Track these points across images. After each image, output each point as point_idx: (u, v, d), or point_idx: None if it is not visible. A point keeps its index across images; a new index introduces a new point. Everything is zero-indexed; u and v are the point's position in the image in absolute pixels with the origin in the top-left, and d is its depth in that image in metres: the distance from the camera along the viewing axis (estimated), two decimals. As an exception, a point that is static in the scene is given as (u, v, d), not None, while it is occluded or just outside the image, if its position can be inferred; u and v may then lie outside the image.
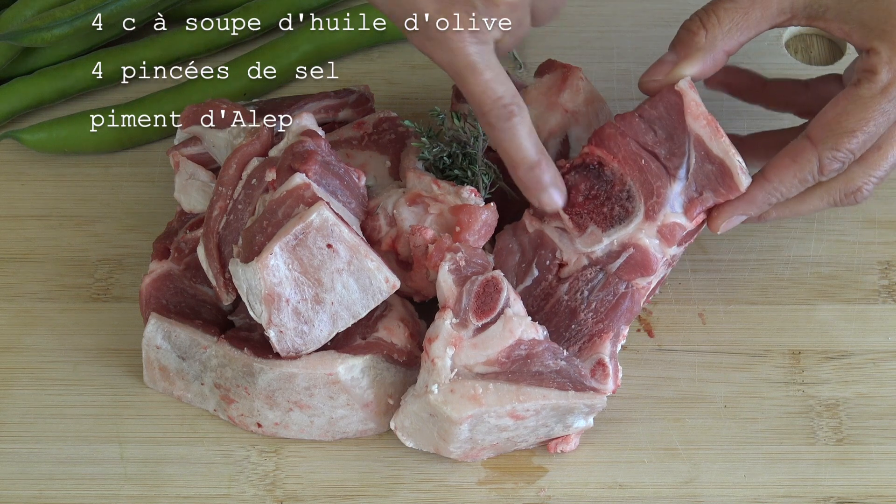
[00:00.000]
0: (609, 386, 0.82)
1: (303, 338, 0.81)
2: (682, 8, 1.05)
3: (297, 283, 0.80)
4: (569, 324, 0.84)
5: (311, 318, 0.80)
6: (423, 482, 0.83)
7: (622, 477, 0.83)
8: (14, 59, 1.03)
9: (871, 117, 0.81)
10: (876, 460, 0.84)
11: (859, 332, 0.90)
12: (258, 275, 0.79)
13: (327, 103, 0.95)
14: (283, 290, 0.79)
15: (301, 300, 0.80)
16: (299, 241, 0.79)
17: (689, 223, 0.84)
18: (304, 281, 0.80)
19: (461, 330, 0.80)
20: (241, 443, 0.85)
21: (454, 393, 0.79)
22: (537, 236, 0.87)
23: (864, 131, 0.81)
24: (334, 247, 0.79)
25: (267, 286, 0.79)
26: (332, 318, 0.81)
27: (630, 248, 0.84)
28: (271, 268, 0.79)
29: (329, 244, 0.79)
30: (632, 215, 0.84)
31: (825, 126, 0.82)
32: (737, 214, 0.84)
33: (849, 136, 0.81)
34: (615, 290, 0.84)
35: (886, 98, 0.80)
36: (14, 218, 0.97)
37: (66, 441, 0.85)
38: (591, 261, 0.85)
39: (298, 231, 0.79)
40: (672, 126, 0.84)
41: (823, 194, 0.85)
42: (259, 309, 0.80)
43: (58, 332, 0.90)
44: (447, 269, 0.81)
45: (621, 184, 0.85)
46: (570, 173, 0.86)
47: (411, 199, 0.86)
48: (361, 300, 0.81)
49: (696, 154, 0.83)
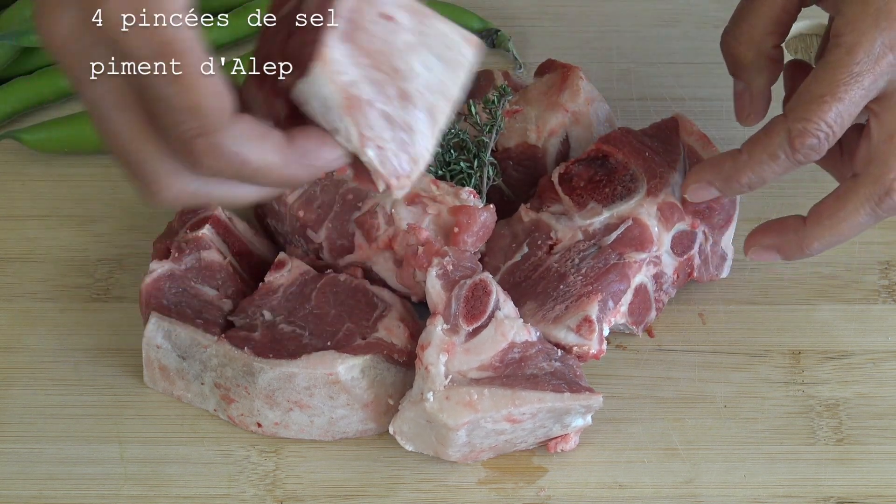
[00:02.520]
0: (594, 344, 0.82)
1: (406, 150, 0.67)
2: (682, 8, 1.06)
3: (372, 80, 0.65)
4: (557, 285, 0.85)
5: (407, 120, 0.66)
6: (423, 482, 0.83)
7: (622, 477, 0.83)
8: (14, 59, 1.03)
9: (840, 80, 0.75)
10: (876, 460, 0.84)
11: (859, 332, 0.90)
12: (325, 78, 0.64)
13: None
14: (360, 91, 0.65)
15: (386, 101, 0.66)
16: (353, 24, 0.64)
17: (686, 215, 0.86)
18: (378, 76, 0.65)
19: (453, 335, 0.80)
20: (241, 443, 0.85)
21: (449, 400, 0.79)
22: (532, 223, 0.87)
23: (836, 97, 0.75)
24: (392, 15, 0.65)
25: (340, 88, 0.64)
26: (430, 113, 0.67)
27: (629, 220, 0.85)
28: (336, 63, 0.64)
29: (383, 13, 0.65)
30: (633, 193, 0.86)
31: (796, 97, 0.77)
32: (705, 182, 0.82)
33: (818, 103, 0.75)
34: (606, 259, 0.85)
35: (853, 60, 0.75)
36: (14, 218, 0.97)
37: (66, 441, 0.85)
38: (586, 235, 0.85)
39: (345, 11, 0.64)
40: (667, 139, 0.89)
41: (857, 206, 0.78)
42: (344, 125, 0.65)
43: (58, 332, 0.90)
44: (435, 275, 0.81)
45: (625, 169, 0.87)
46: (575, 165, 0.88)
47: (410, 198, 0.86)
48: (450, 76, 0.67)
49: (689, 161, 0.89)
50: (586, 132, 0.92)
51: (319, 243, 0.89)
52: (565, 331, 0.83)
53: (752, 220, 0.94)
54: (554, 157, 0.92)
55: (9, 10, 1.03)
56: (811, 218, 0.80)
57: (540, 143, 0.92)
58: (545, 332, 0.83)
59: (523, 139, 0.92)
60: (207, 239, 0.87)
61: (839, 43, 0.76)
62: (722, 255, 0.91)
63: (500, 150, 0.92)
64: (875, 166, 0.78)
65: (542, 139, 0.91)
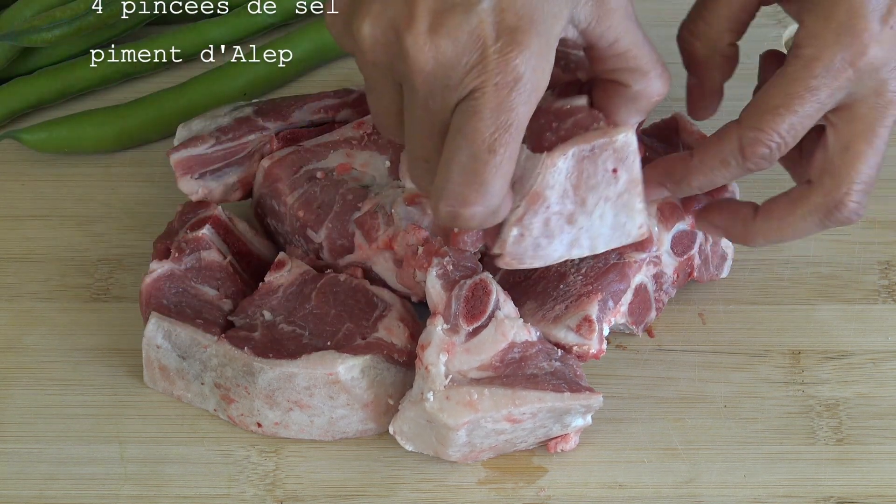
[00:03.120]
0: (594, 343, 0.82)
1: (535, 251, 0.77)
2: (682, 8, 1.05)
3: (565, 194, 0.75)
4: (557, 285, 0.85)
5: (556, 234, 0.76)
6: (423, 482, 0.83)
7: (622, 477, 0.83)
8: (14, 59, 1.03)
9: (797, 93, 0.75)
10: (876, 460, 0.84)
11: (859, 332, 0.90)
12: (539, 170, 0.74)
13: (327, 103, 0.95)
14: (551, 194, 0.75)
15: (558, 213, 0.76)
16: (592, 155, 0.75)
17: (686, 215, 0.86)
18: (572, 196, 0.75)
19: (453, 335, 0.80)
20: (241, 443, 0.85)
21: (449, 400, 0.79)
22: None
23: (791, 110, 0.75)
24: (619, 173, 0.76)
25: (540, 184, 0.74)
26: (572, 244, 0.77)
27: None
28: (557, 168, 0.74)
29: (615, 168, 0.75)
30: None
31: (751, 105, 0.77)
32: (656, 183, 0.81)
33: (772, 113, 0.75)
34: (606, 258, 0.85)
35: (811, 74, 0.74)
36: (14, 218, 0.97)
37: (66, 441, 0.85)
38: None
39: (599, 144, 0.74)
40: (667, 139, 0.89)
41: (806, 212, 0.79)
42: (517, 202, 0.75)
43: (58, 332, 0.90)
44: (435, 275, 0.81)
45: None
46: None
47: (410, 199, 0.86)
48: (607, 236, 0.78)
49: None
50: (586, 132, 0.93)
51: (319, 243, 0.89)
52: (565, 330, 0.83)
53: (752, 220, 0.94)
54: (554, 157, 0.92)
55: (9, 10, 1.03)
56: (762, 214, 0.81)
57: (540, 143, 0.92)
58: (545, 331, 0.83)
59: (523, 139, 0.92)
60: (207, 239, 0.87)
61: (799, 55, 0.75)
62: (722, 255, 0.91)
63: (500, 150, 0.92)
64: (829, 178, 0.78)
65: (543, 139, 0.92)
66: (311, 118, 0.94)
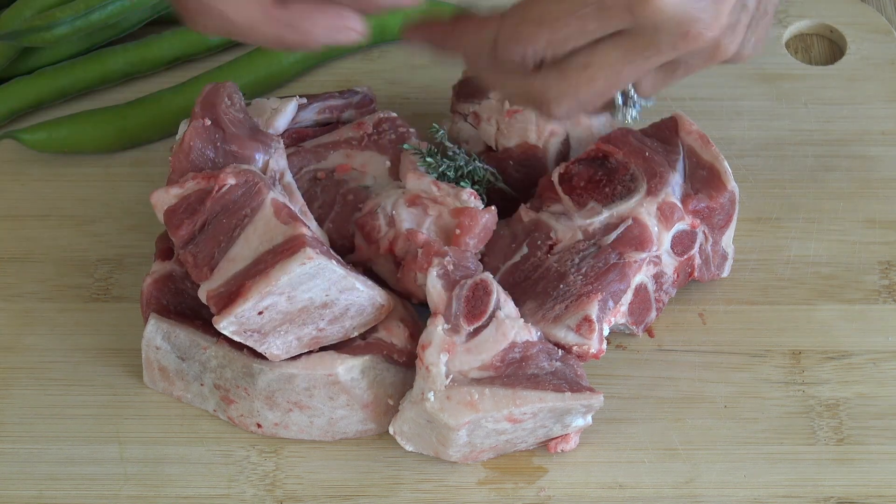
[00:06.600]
0: (594, 343, 0.82)
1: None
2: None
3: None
4: (557, 285, 0.85)
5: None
6: (423, 482, 0.83)
7: (622, 477, 0.83)
8: (14, 59, 1.03)
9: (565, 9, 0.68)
10: (876, 460, 0.84)
11: (859, 332, 0.90)
12: None
13: (331, 103, 0.95)
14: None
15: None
16: None
17: (686, 215, 0.86)
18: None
19: (454, 335, 0.80)
20: (241, 443, 0.85)
21: (450, 400, 0.79)
22: (532, 223, 0.87)
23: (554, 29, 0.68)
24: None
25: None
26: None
27: (629, 219, 0.85)
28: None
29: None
30: (633, 192, 0.86)
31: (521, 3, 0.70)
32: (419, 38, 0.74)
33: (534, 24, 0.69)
34: (606, 258, 0.85)
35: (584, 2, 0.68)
36: (14, 218, 0.97)
37: (66, 441, 0.85)
38: (585, 235, 0.85)
39: None
40: (667, 139, 0.90)
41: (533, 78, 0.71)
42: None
43: (58, 332, 0.90)
44: (435, 275, 0.81)
45: (625, 169, 0.87)
46: (576, 165, 0.88)
47: (411, 200, 0.86)
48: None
49: (689, 162, 0.89)
50: (586, 132, 0.93)
51: (319, 243, 0.89)
52: (565, 330, 0.83)
53: (752, 220, 0.94)
54: (554, 157, 0.92)
55: (9, 10, 1.03)
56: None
57: (540, 143, 0.92)
58: (545, 331, 0.83)
59: (524, 139, 0.92)
60: (207, 239, 0.87)
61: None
62: (722, 254, 0.91)
63: (501, 150, 0.92)
64: None
65: (543, 139, 0.92)
66: (317, 118, 0.94)
